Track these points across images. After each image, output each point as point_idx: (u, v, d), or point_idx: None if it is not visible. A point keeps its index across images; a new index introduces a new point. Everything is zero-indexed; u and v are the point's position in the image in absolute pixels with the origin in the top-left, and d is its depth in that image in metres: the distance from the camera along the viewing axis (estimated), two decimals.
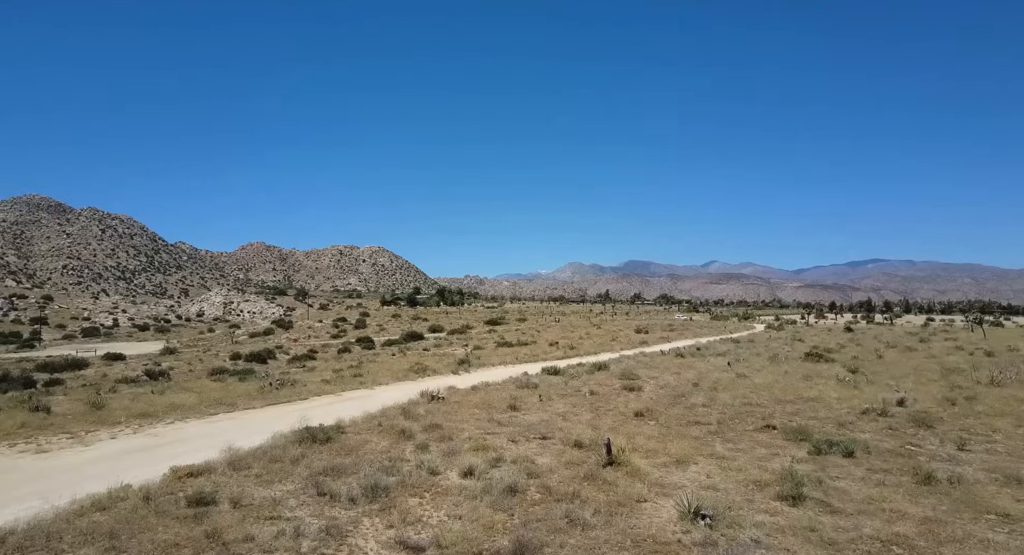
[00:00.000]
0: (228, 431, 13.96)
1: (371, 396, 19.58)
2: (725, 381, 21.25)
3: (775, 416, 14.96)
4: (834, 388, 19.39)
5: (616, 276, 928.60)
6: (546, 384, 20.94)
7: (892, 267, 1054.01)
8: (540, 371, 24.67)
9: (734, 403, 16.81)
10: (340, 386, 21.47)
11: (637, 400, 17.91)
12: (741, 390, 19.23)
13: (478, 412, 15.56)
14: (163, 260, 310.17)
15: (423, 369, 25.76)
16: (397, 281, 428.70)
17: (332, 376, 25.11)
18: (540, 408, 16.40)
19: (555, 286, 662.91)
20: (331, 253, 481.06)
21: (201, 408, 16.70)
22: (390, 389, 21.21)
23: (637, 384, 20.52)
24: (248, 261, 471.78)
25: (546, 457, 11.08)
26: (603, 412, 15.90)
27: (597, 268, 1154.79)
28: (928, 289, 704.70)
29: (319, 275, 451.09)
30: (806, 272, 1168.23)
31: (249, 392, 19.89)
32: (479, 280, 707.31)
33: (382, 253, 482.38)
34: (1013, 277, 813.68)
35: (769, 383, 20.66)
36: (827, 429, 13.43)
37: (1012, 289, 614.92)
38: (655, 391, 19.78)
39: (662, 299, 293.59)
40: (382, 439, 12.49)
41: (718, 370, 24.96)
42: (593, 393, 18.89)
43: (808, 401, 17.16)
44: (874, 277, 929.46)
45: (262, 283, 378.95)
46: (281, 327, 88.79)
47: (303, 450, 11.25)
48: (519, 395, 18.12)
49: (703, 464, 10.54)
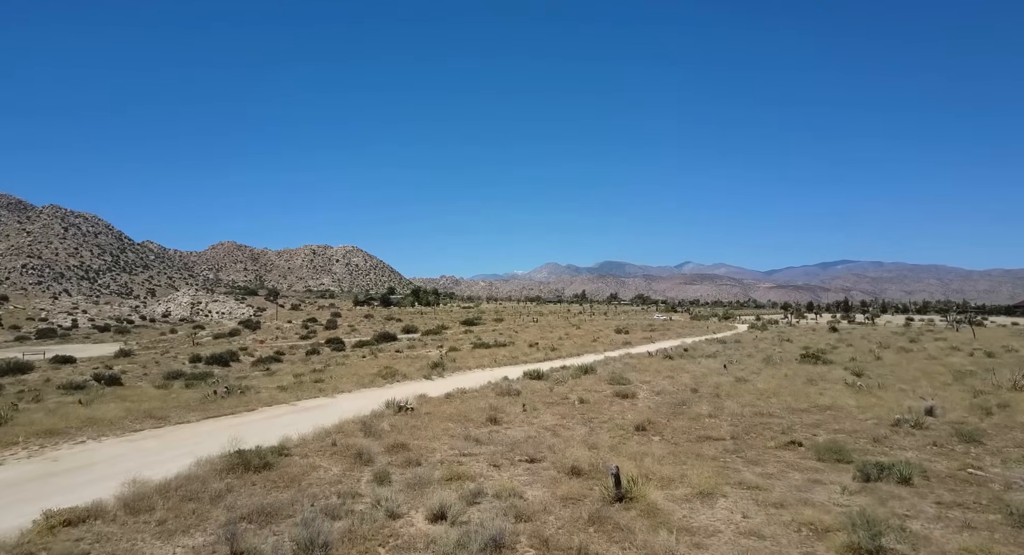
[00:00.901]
0: (147, 453, 11.50)
1: (330, 406, 17.18)
2: (726, 387, 19.30)
3: (795, 429, 13.00)
4: (846, 394, 17.56)
5: (592, 277, 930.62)
6: (529, 390, 18.77)
7: (861, 268, 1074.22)
8: (521, 375, 22.49)
9: (744, 413, 14.81)
10: (297, 393, 19.00)
11: (633, 409, 15.84)
12: (747, 397, 17.28)
13: (452, 426, 13.30)
14: (129, 259, 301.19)
15: (392, 374, 23.37)
16: (371, 281, 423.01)
17: (292, 381, 22.62)
18: (525, 420, 14.21)
19: (531, 287, 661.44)
20: (304, 253, 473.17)
21: (125, 422, 14.16)
22: (353, 397, 18.81)
23: (630, 390, 18.45)
24: (219, 261, 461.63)
25: (537, 488, 8.89)
26: (598, 425, 13.76)
27: (573, 269, 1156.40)
28: (896, 289, 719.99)
29: (292, 275, 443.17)
30: (778, 273, 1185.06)
31: (189, 402, 17.34)
32: (455, 280, 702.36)
33: (356, 253, 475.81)
34: (977, 278, 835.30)
35: (774, 389, 18.75)
36: (861, 445, 11.48)
37: (976, 289, 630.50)
38: (651, 398, 17.74)
39: (638, 299, 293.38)
40: (334, 464, 10.18)
41: (714, 373, 23.05)
42: (583, 401, 16.76)
43: (825, 410, 15.24)
44: (844, 278, 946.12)
45: (233, 283, 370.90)
46: (248, 328, 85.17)
47: (230, 482, 8.90)
48: (500, 404, 15.91)
49: (733, 497, 8.44)
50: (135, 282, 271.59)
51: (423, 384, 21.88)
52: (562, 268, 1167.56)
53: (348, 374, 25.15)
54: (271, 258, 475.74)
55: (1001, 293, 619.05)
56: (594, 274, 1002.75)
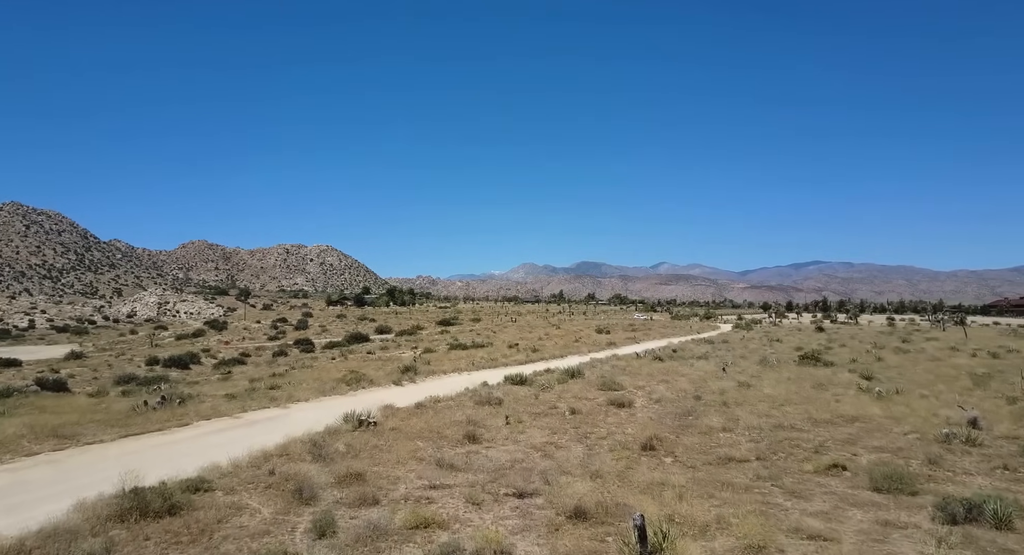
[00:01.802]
0: (27, 488, 9.03)
1: (281, 419, 14.77)
2: (731, 393, 17.32)
3: (828, 447, 11.01)
4: (867, 402, 15.68)
5: (569, 277, 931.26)
6: (512, 398, 16.58)
7: (832, 269, 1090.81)
8: (502, 380, 20.28)
9: (761, 426, 12.79)
10: (245, 403, 16.54)
11: (632, 421, 13.74)
12: (758, 405, 15.29)
13: (422, 446, 11.05)
14: (95, 258, 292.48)
15: (358, 379, 20.92)
16: (346, 281, 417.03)
17: (246, 388, 20.10)
18: (509, 437, 12.01)
19: (509, 287, 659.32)
20: (277, 252, 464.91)
21: (22, 443, 11.60)
22: (310, 408, 16.41)
23: (625, 397, 16.37)
24: (189, 260, 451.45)
25: (531, 540, 6.69)
26: (595, 442, 11.63)
27: (550, 269, 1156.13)
28: (866, 289, 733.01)
29: (264, 274, 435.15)
30: (752, 273, 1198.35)
31: (115, 415, 14.79)
32: (432, 280, 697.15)
33: (331, 252, 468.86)
34: (944, 278, 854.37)
35: (784, 395, 16.83)
36: (917, 469, 9.49)
37: (943, 290, 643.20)
38: (650, 407, 15.67)
39: (616, 299, 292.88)
40: (266, 503, 7.86)
41: (713, 377, 21.09)
42: (574, 412, 14.61)
43: (852, 421, 13.30)
44: (816, 278, 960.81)
45: (203, 283, 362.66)
46: (214, 328, 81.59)
47: (115, 535, 6.56)
48: (479, 416, 13.68)
49: (794, 553, 6.34)
50: (101, 281, 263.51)
51: (392, 391, 19.53)
52: (539, 268, 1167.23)
53: (310, 379, 22.69)
54: (243, 257, 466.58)
55: (967, 293, 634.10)
56: (571, 274, 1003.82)
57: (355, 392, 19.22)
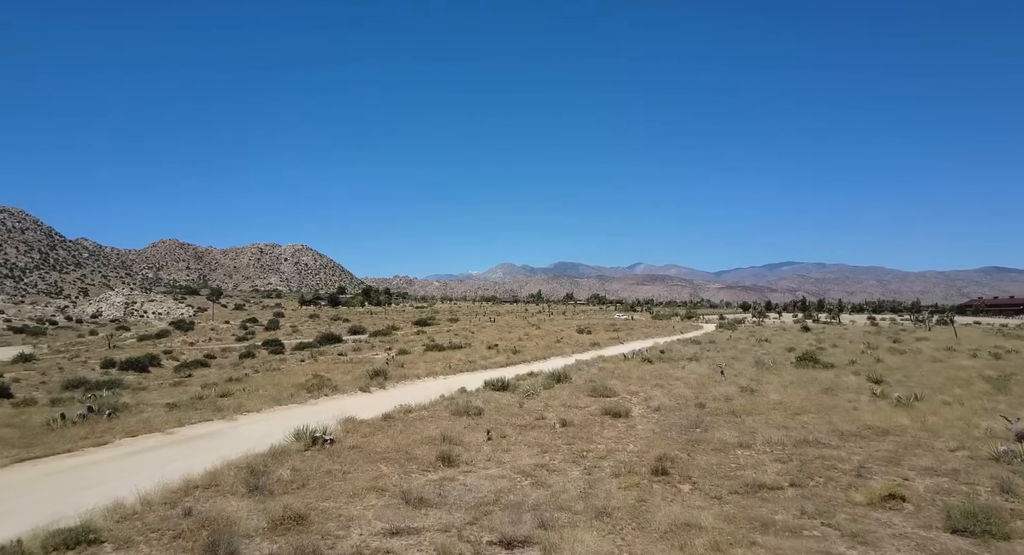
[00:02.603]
0: None
1: (223, 434, 12.66)
2: (736, 400, 15.61)
3: (870, 468, 9.28)
4: (886, 409, 14.09)
5: (547, 277, 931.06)
6: (493, 407, 14.66)
7: (805, 269, 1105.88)
8: (482, 385, 18.36)
9: (783, 440, 11.03)
10: (187, 415, 14.37)
11: (633, 434, 11.92)
12: (772, 415, 13.58)
13: (386, 471, 9.08)
14: (60, 257, 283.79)
15: (320, 385, 18.78)
16: (321, 281, 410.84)
17: (196, 394, 17.88)
18: (491, 457, 10.09)
19: (487, 287, 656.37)
20: (251, 251, 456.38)
21: None
22: (261, 420, 14.29)
23: (620, 405, 14.54)
24: (159, 259, 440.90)
25: None
26: (594, 462, 9.77)
27: (528, 269, 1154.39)
28: (838, 290, 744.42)
29: (238, 274, 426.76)
30: (727, 273, 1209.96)
31: (24, 431, 12.53)
32: (409, 281, 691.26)
33: (306, 252, 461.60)
34: (912, 279, 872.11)
35: (796, 403, 15.15)
36: (989, 498, 7.79)
37: (912, 290, 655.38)
38: (649, 416, 13.87)
39: (594, 299, 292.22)
40: None
41: (711, 381, 19.42)
42: (566, 424, 12.73)
43: (883, 435, 11.63)
44: (789, 278, 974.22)
45: (174, 282, 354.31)
46: (180, 329, 78.33)
47: None
48: (456, 430, 11.74)
49: None
50: (66, 281, 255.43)
51: (358, 399, 17.46)
52: (517, 268, 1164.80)
53: (269, 385, 20.54)
54: (216, 257, 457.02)
55: (935, 293, 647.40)
56: (549, 274, 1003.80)
57: (316, 400, 17.12)
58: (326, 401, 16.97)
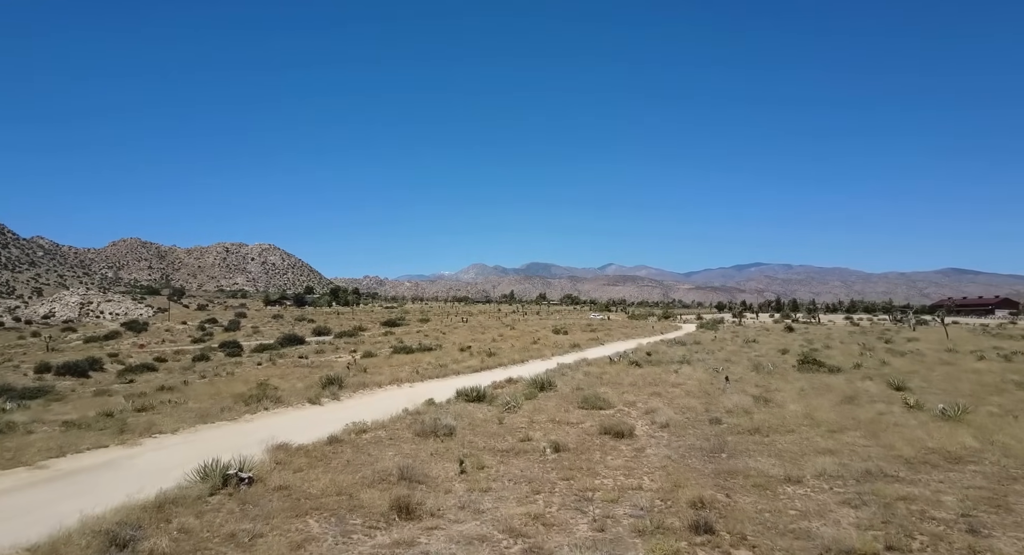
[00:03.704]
0: None
1: (112, 468, 9.76)
2: (753, 412, 13.23)
3: (979, 519, 6.90)
4: (932, 424, 11.85)
5: (519, 277, 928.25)
6: (467, 424, 12.03)
7: (772, 270, 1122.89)
8: (454, 396, 15.70)
9: (837, 471, 8.62)
10: (80, 438, 11.40)
11: (644, 462, 9.42)
12: (805, 432, 11.21)
13: (315, 532, 6.39)
14: (12, 256, 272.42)
15: (262, 396, 15.87)
16: (289, 281, 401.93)
17: (107, 409, 14.82)
18: (464, 502, 7.46)
19: (459, 287, 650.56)
20: (216, 251, 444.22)
21: None
22: (173, 444, 11.40)
23: (621, 421, 12.03)
24: (120, 258, 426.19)
25: None
26: (605, 508, 7.21)
27: (500, 269, 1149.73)
28: (804, 290, 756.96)
29: (202, 274, 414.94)
30: (696, 274, 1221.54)
31: None
32: (379, 281, 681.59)
33: (273, 251, 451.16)
34: (876, 280, 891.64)
35: (825, 416, 12.82)
36: None
37: (875, 291, 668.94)
38: (658, 435, 11.39)
39: (567, 299, 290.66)
40: None
41: (713, 388, 17.05)
42: (558, 448, 10.15)
43: (956, 461, 9.31)
44: (757, 279, 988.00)
45: (135, 282, 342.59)
46: (132, 330, 73.85)
47: None
48: (419, 459, 9.08)
49: None
50: (19, 281, 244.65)
51: (305, 413, 14.64)
52: (489, 269, 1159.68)
53: (205, 395, 17.57)
54: (180, 256, 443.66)
55: (897, 294, 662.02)
56: (521, 275, 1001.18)
57: (253, 415, 14.22)
58: (264, 417, 14.09)
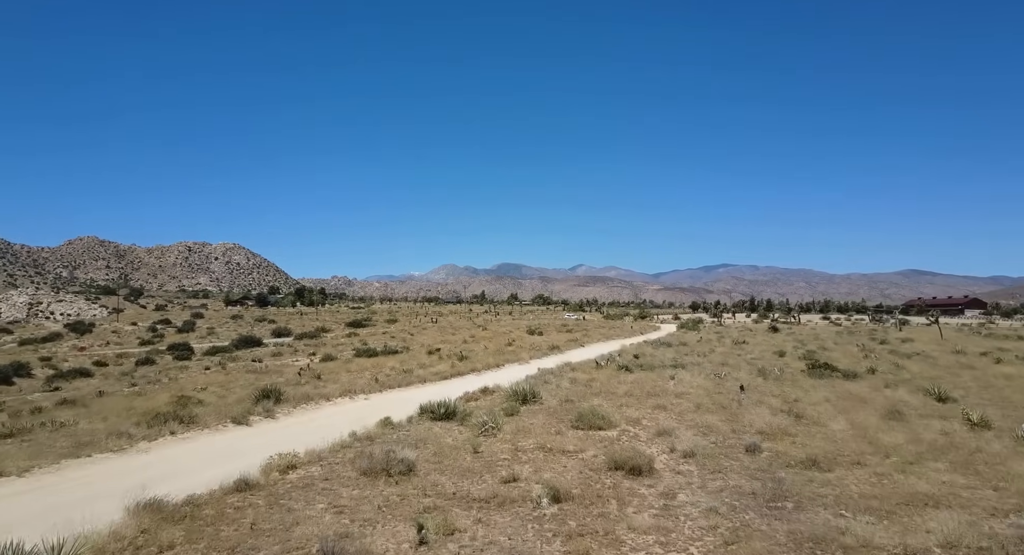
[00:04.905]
0: None
1: None
2: (793, 432, 10.58)
3: None
4: None
5: (490, 278, 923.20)
6: (432, 453, 9.11)
7: (739, 271, 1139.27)
8: (417, 412, 12.73)
9: (971, 538, 5.95)
10: None
11: (679, 520, 6.63)
12: (875, 463, 8.57)
13: None
14: None
15: (176, 415, 12.60)
16: (255, 281, 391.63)
17: None
18: None
19: (429, 288, 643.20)
20: (178, 250, 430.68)
21: None
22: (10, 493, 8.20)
23: (632, 449, 9.22)
24: (76, 257, 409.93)
25: None
26: None
27: (471, 270, 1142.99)
28: (770, 291, 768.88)
29: (163, 274, 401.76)
30: (664, 275, 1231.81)
31: None
32: (348, 281, 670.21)
33: (238, 250, 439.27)
34: (839, 281, 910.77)
35: (890, 441, 10.23)
36: None
37: (838, 292, 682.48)
38: (684, 469, 8.62)
39: (539, 299, 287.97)
40: None
41: (724, 398, 14.38)
42: (557, 497, 7.28)
43: None
44: (725, 280, 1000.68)
45: (91, 282, 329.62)
46: (77, 331, 68.74)
47: None
48: (358, 516, 6.13)
49: None
50: None
51: (223, 437, 11.48)
52: (460, 269, 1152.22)
53: (111, 411, 14.28)
54: (140, 255, 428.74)
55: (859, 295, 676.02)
56: (492, 276, 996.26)
57: (152, 442, 10.99)
58: (167, 444, 10.89)
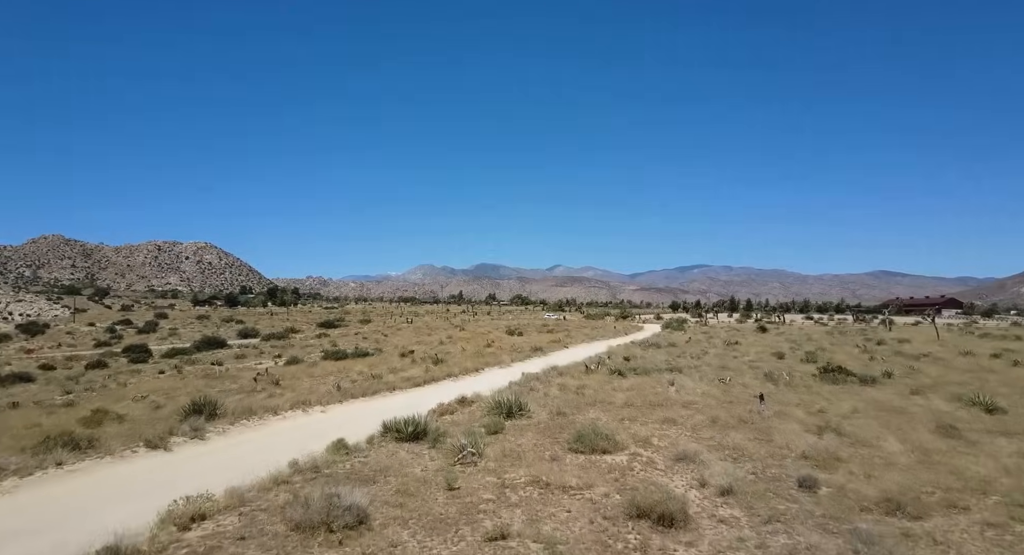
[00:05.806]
0: None
1: None
2: (847, 458, 8.57)
3: None
4: None
5: (468, 278, 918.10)
6: (392, 493, 6.90)
7: (714, 272, 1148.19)
8: (380, 430, 10.47)
9: None
10: None
11: None
12: (975, 507, 6.57)
13: None
14: None
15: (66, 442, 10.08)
16: (227, 281, 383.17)
17: None
18: None
19: (406, 288, 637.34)
20: (147, 249, 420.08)
21: None
22: None
23: (653, 485, 7.12)
24: (40, 256, 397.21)
25: None
26: None
27: (448, 270, 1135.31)
28: (745, 291, 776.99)
29: (132, 273, 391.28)
30: (641, 276, 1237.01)
31: None
32: (323, 281, 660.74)
33: (209, 250, 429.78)
34: (812, 282, 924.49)
35: (969, 470, 8.28)
36: None
37: (811, 292, 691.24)
38: (727, 516, 6.53)
39: (517, 299, 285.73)
40: None
41: (740, 408, 12.36)
42: None
43: None
44: (700, 281, 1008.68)
45: (55, 282, 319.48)
46: (28, 332, 64.87)
47: None
48: None
49: None
50: None
51: (127, 468, 9.06)
52: (437, 269, 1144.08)
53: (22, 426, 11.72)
54: (107, 254, 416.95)
55: (832, 295, 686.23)
56: (470, 276, 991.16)
57: (23, 478, 8.55)
58: (45, 481, 8.44)
